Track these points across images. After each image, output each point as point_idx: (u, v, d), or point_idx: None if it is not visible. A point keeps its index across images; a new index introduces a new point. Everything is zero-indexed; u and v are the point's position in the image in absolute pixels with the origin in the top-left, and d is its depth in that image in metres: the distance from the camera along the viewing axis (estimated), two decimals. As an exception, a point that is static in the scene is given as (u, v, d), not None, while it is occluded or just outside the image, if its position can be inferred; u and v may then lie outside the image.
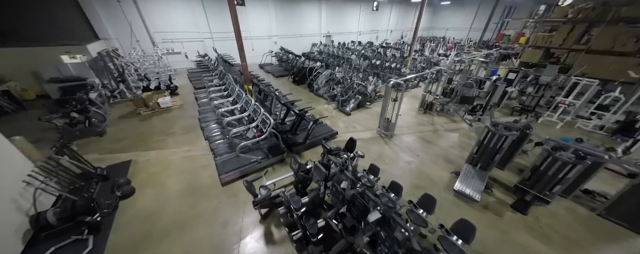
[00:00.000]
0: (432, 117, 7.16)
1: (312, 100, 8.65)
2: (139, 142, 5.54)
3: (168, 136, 5.88)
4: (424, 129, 6.44)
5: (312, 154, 5.24)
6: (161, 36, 11.52)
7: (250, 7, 13.63)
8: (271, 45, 15.59)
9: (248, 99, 5.50)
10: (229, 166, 4.41)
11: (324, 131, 5.88)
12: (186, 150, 5.26)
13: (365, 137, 5.96)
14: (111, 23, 10.19)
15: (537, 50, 9.68)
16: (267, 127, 4.42)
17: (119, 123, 6.52)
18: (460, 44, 19.63)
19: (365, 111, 7.67)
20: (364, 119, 6.99)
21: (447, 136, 6.04)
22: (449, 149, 5.42)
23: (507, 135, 3.96)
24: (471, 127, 6.54)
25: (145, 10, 10.68)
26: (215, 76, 8.63)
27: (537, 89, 7.00)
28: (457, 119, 7.08)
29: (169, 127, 6.32)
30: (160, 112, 7.21)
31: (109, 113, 7.04)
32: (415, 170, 4.68)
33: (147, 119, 6.75)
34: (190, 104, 7.99)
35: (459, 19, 23.12)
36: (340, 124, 6.72)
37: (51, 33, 8.20)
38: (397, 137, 5.95)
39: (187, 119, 6.77)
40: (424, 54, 14.10)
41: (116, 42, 10.59)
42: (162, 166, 4.71)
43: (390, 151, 5.34)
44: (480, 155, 4.39)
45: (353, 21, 19.41)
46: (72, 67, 7.63)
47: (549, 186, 3.53)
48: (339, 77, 8.80)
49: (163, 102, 7.25)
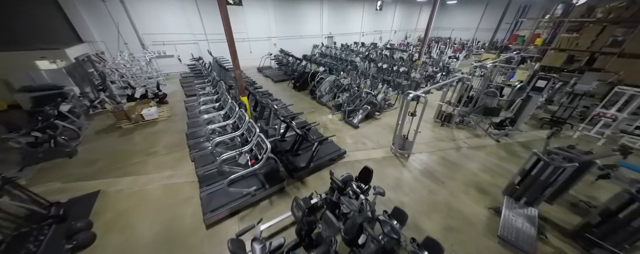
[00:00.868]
0: (451, 131, 6.34)
1: (315, 109, 7.83)
2: (114, 165, 4.72)
3: (149, 156, 5.06)
4: (444, 146, 5.61)
5: (317, 180, 4.42)
6: (151, 38, 10.71)
7: (248, 7, 12.82)
8: (270, 47, 14.79)
9: (241, 114, 4.68)
10: (215, 202, 3.59)
11: (330, 150, 5.06)
12: (168, 176, 4.44)
13: (377, 157, 5.13)
14: (96, 25, 9.38)
15: (561, 53, 8.85)
16: (263, 154, 3.60)
17: (94, 140, 5.70)
18: (469, 46, 18.86)
19: (375, 122, 6.84)
20: (375, 133, 6.17)
21: (473, 156, 5.21)
22: (479, 174, 4.59)
23: (566, 167, 3.13)
24: (498, 143, 5.71)
25: (134, 11, 9.87)
26: (208, 83, 7.82)
27: (571, 98, 6.17)
28: (480, 132, 6.26)
29: (151, 144, 5.50)
30: (144, 126, 6.39)
31: (86, 128, 6.23)
32: (443, 203, 3.85)
33: (128, 135, 5.93)
34: (180, 115, 7.17)
35: (465, 19, 22.30)
36: (348, 139, 5.90)
37: (27, 36, 7.39)
38: (415, 158, 5.13)
39: (173, 134, 5.95)
40: (432, 57, 13.29)
41: (102, 45, 9.79)
42: (136, 199, 3.89)
43: (409, 176, 4.52)
44: (525, 187, 3.56)
45: (356, 22, 18.60)
46: (46, 74, 6.82)
47: (631, 239, 2.70)
48: (345, 83, 7.99)
49: (147, 114, 6.43)
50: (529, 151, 5.36)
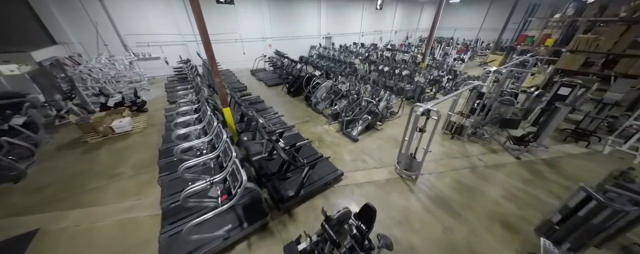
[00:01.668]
0: (463, 145, 5.59)
1: (310, 117, 7.08)
2: (66, 192, 3.96)
3: (111, 179, 4.30)
4: (456, 164, 4.86)
5: (309, 211, 3.67)
6: (134, 39, 9.92)
7: (240, 6, 12.04)
8: (265, 48, 14.02)
9: (219, 130, 3.93)
10: (177, 249, 2.84)
11: (325, 172, 4.30)
12: (128, 207, 3.68)
13: (380, 180, 4.38)
14: (72, 25, 8.59)
15: (579, 55, 8.11)
16: (237, 188, 2.84)
17: (52, 158, 4.93)
18: (473, 46, 18.12)
19: (376, 134, 6.09)
20: (377, 148, 5.42)
21: (491, 177, 4.46)
22: (502, 203, 3.84)
23: (628, 211, 2.39)
24: (519, 160, 4.96)
25: (114, 9, 9.09)
26: (191, 90, 7.05)
27: (600, 108, 5.43)
28: (496, 146, 5.52)
29: (117, 163, 4.73)
30: (115, 140, 5.62)
31: (47, 142, 5.46)
32: (464, 246, 3.10)
33: (93, 151, 5.16)
34: (159, 125, 6.41)
35: (467, 18, 21.59)
36: (346, 155, 5.15)
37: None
38: (425, 180, 4.38)
39: (146, 150, 5.19)
40: (436, 58, 12.56)
41: (79, 47, 9.01)
42: (82, 241, 3.13)
43: (418, 206, 3.77)
44: (568, 230, 2.82)
45: (355, 21, 17.83)
46: (5, 81, 6.05)
47: None
48: (343, 90, 7.24)
49: (118, 126, 5.67)
50: (555, 171, 4.62)
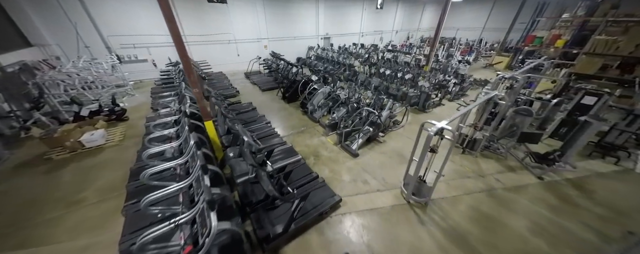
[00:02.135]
0: (476, 161, 4.98)
1: (306, 127, 6.46)
2: (13, 226, 3.34)
3: (71, 207, 3.68)
4: (471, 186, 4.25)
5: (299, 250, 3.06)
6: (119, 40, 9.27)
7: (234, 6, 11.39)
8: (261, 49, 13.38)
9: (193, 153, 3.32)
10: (127, 316, 2.22)
11: (320, 198, 3.68)
12: (82, 248, 3.06)
13: (385, 206, 3.77)
14: (48, 25, 7.94)
15: (596, 58, 7.51)
16: (205, 237, 2.23)
17: (8, 179, 4.30)
18: (476, 47, 17.52)
19: (379, 148, 5.48)
20: (379, 165, 4.81)
21: (513, 203, 3.86)
22: (530, 239, 3.23)
23: None
24: (542, 181, 4.35)
25: (95, 9, 8.44)
26: (175, 97, 6.42)
27: (631, 120, 4.83)
28: (513, 163, 4.91)
29: (82, 186, 4.11)
30: (85, 155, 4.99)
31: (7, 159, 4.83)
32: (490, 303, 2.50)
33: (57, 170, 4.53)
34: (138, 137, 5.76)
35: (470, 17, 20.99)
36: (345, 174, 4.53)
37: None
38: (436, 206, 3.77)
39: (117, 168, 4.56)
40: (439, 60, 11.95)
41: (57, 49, 8.36)
42: (14, 298, 2.52)
43: (431, 245, 3.15)
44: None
45: (355, 21, 17.19)
46: (-37, 89, 5.42)
47: None
48: (342, 96, 6.62)
49: (89, 139, 5.04)
50: (586, 195, 4.02)
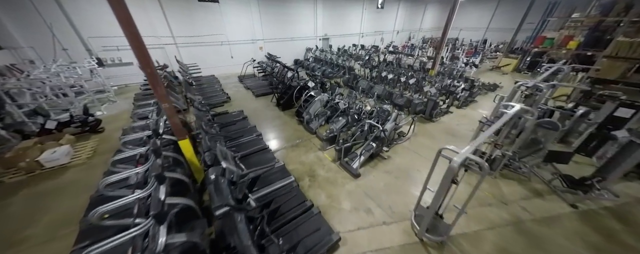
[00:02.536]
0: (496, 183, 4.33)
1: (301, 139, 5.80)
2: None
3: (11, 249, 3.01)
4: (493, 216, 3.60)
5: (287, 315, 2.40)
6: (100, 42, 8.62)
7: (227, 5, 10.74)
8: (256, 51, 12.73)
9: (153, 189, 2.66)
10: None
11: (314, 238, 3.02)
12: (8, 311, 2.40)
13: (393, 246, 3.12)
14: (20, 26, 7.28)
15: (619, 62, 6.88)
16: None
17: (-55, 210, 3.64)
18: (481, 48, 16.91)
19: (382, 166, 4.82)
20: (384, 188, 4.15)
21: (546, 241, 3.20)
22: (577, 296, 2.59)
23: None
24: (576, 209, 3.71)
25: (73, 8, 7.78)
26: (155, 106, 5.76)
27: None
28: (539, 185, 4.26)
29: (30, 219, 3.45)
30: (44, 177, 4.33)
31: (-49, 182, 4.17)
32: None
33: (6, 198, 3.86)
34: (109, 153, 5.07)
35: (474, 17, 20.39)
36: (344, 201, 3.88)
37: None
38: (455, 246, 3.11)
39: (78, 195, 3.89)
40: (445, 63, 11.30)
41: (31, 52, 7.69)
42: None
43: (453, 303, 2.50)
44: None
45: (355, 21, 16.55)
46: None
47: None
48: (341, 105, 5.98)
49: (48, 159, 4.37)
50: (632, 229, 3.37)
